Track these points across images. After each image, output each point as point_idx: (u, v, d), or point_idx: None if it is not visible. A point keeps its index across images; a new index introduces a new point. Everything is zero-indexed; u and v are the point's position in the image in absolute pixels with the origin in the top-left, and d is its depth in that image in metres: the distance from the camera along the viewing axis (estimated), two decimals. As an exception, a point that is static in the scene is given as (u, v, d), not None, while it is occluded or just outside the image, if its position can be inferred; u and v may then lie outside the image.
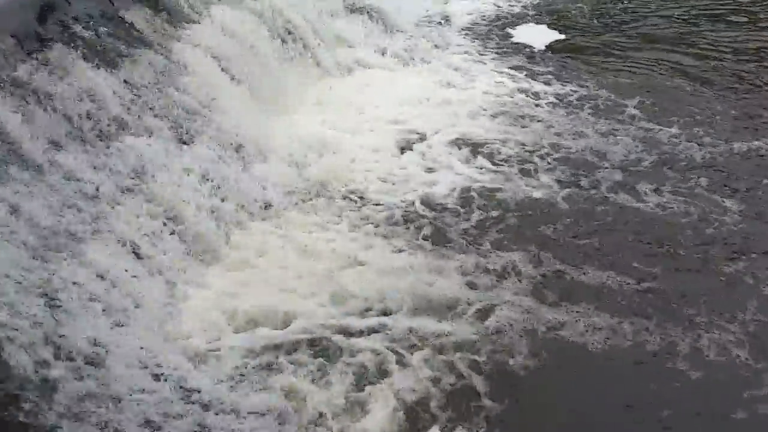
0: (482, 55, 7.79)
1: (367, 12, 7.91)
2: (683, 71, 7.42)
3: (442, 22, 8.44)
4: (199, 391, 3.41)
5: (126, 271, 3.86)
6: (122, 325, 3.58)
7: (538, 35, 8.39)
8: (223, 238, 4.52)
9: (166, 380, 3.40)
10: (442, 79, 7.15)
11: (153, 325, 3.70)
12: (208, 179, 4.71)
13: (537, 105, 6.68)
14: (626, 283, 4.37)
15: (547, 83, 7.11)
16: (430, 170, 5.63)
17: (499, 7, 9.20)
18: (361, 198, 5.18)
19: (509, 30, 8.50)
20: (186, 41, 5.51)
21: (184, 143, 4.81)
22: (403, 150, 5.88)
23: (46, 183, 3.89)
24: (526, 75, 7.28)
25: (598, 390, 3.72)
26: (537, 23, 8.79)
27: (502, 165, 5.68)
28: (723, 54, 7.79)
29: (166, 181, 4.45)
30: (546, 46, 8.07)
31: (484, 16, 8.87)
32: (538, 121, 6.38)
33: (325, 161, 5.57)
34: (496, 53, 7.83)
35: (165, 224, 4.27)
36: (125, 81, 4.69)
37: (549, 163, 5.71)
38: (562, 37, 8.39)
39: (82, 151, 4.16)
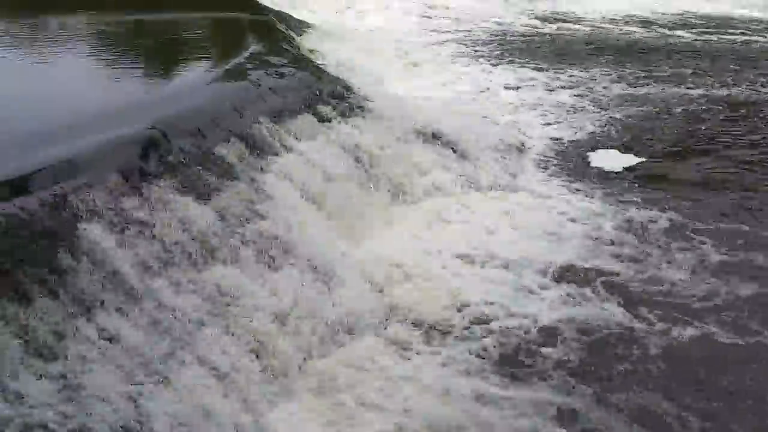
0: (557, 179, 8.01)
1: (441, 140, 8.30)
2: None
3: (517, 148, 8.75)
4: None
5: (210, 395, 4.11)
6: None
7: (617, 159, 8.57)
8: (304, 363, 4.76)
9: None
10: (517, 205, 7.37)
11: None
12: (290, 304, 5.00)
13: (623, 232, 6.78)
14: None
15: (630, 209, 7.21)
16: (516, 297, 5.72)
17: (575, 132, 9.46)
18: (446, 326, 5.31)
19: (586, 154, 8.74)
20: (271, 172, 5.98)
21: (269, 269, 5.16)
22: (484, 276, 6.04)
23: (140, 308, 4.24)
24: (606, 200, 7.42)
25: None
26: (616, 147, 8.97)
27: (596, 296, 5.71)
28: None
29: (250, 306, 4.76)
30: (627, 170, 8.22)
31: (559, 141, 9.13)
32: (628, 250, 6.44)
33: (404, 286, 5.78)
34: (573, 178, 8.05)
35: (248, 349, 4.55)
36: (216, 211, 5.13)
37: (650, 299, 5.65)
38: (644, 160, 8.53)
39: (175, 278, 4.53)
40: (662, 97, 10.99)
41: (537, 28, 15.93)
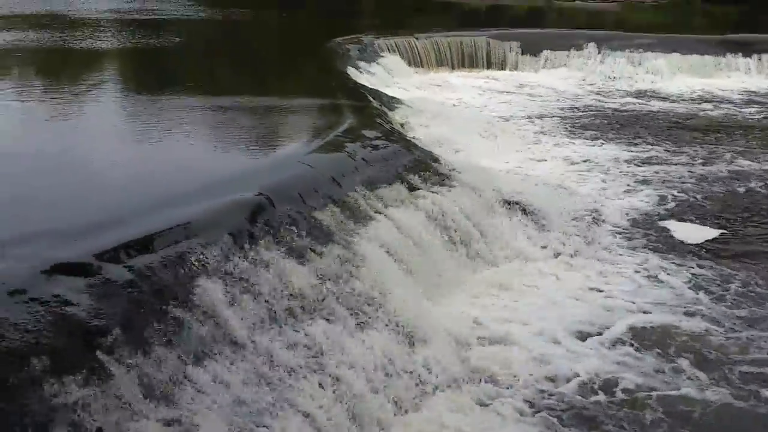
0: (633, 249, 7.80)
1: (522, 209, 8.29)
2: None
3: (594, 218, 8.62)
4: None
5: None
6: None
7: (696, 231, 8.30)
8: (391, 417, 4.75)
9: None
10: (593, 275, 7.21)
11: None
12: (379, 359, 5.03)
13: (697, 302, 6.56)
14: None
15: (710, 288, 6.90)
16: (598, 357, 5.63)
17: (654, 204, 9.23)
18: (526, 389, 5.21)
19: (665, 226, 8.50)
20: (364, 236, 6.09)
21: (360, 326, 5.22)
22: (556, 340, 5.92)
23: (245, 359, 4.37)
24: (683, 271, 7.18)
25: None
26: (696, 219, 8.70)
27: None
28: None
29: (344, 360, 4.82)
30: (706, 243, 7.95)
31: (638, 212, 8.92)
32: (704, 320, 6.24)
33: (484, 347, 5.74)
34: (649, 248, 7.83)
35: (341, 400, 4.58)
36: (314, 271, 5.26)
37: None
38: (725, 232, 8.25)
39: (277, 332, 4.65)
40: (741, 171, 10.65)
41: (615, 104, 15.81)
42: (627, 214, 8.88)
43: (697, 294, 6.75)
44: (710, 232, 8.33)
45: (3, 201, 5.35)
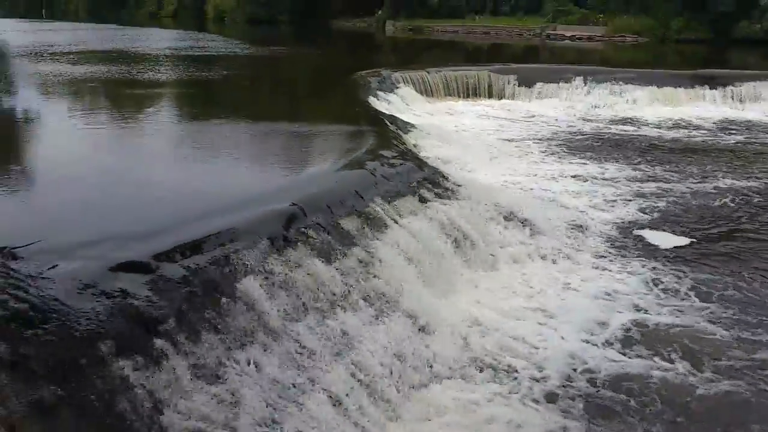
0: (613, 253, 7.74)
1: (518, 219, 8.24)
2: None
3: (581, 227, 8.57)
4: None
5: (332, 421, 4.16)
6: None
7: (668, 239, 8.19)
8: (404, 398, 4.74)
9: None
10: (577, 273, 7.17)
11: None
12: (392, 347, 5.03)
13: (663, 296, 6.49)
14: None
15: (672, 278, 6.91)
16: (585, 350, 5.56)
17: (632, 215, 9.15)
18: (513, 370, 5.18)
19: (641, 235, 8.43)
20: (382, 241, 6.11)
21: (377, 318, 5.23)
22: (547, 331, 5.87)
23: (280, 345, 4.39)
24: (654, 271, 7.11)
25: None
26: (667, 229, 8.61)
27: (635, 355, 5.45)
28: None
29: (364, 347, 4.83)
30: (677, 248, 7.85)
31: (618, 222, 8.85)
32: (668, 310, 6.17)
33: (486, 338, 5.69)
34: (627, 252, 7.75)
35: (360, 382, 4.59)
36: (339, 270, 5.28)
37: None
38: (693, 240, 8.14)
39: (307, 322, 4.67)
40: (709, 189, 10.55)
41: (600, 130, 15.71)
42: (608, 224, 8.80)
43: (681, 292, 6.70)
44: (680, 240, 8.25)
45: (75, 211, 5.44)
